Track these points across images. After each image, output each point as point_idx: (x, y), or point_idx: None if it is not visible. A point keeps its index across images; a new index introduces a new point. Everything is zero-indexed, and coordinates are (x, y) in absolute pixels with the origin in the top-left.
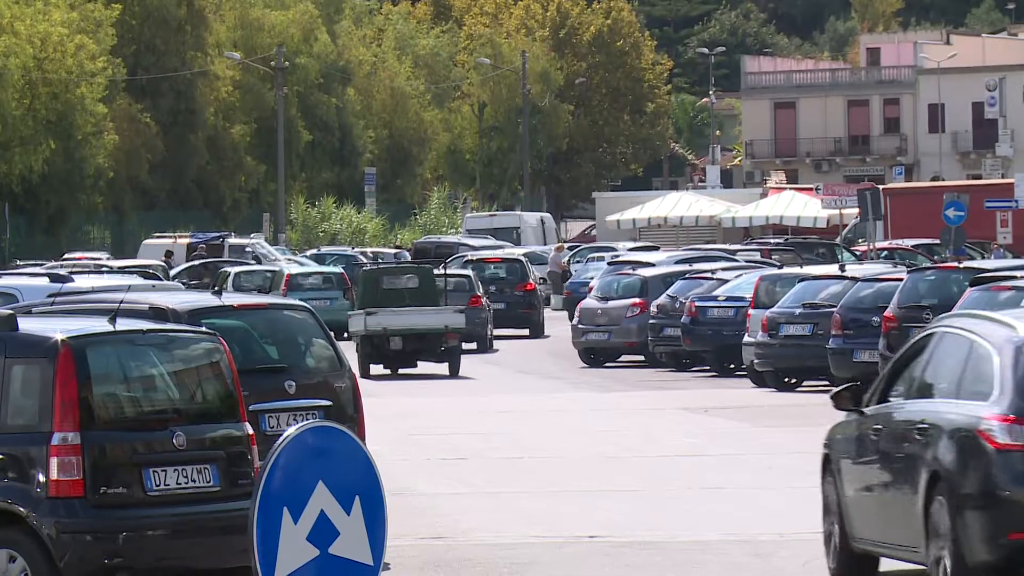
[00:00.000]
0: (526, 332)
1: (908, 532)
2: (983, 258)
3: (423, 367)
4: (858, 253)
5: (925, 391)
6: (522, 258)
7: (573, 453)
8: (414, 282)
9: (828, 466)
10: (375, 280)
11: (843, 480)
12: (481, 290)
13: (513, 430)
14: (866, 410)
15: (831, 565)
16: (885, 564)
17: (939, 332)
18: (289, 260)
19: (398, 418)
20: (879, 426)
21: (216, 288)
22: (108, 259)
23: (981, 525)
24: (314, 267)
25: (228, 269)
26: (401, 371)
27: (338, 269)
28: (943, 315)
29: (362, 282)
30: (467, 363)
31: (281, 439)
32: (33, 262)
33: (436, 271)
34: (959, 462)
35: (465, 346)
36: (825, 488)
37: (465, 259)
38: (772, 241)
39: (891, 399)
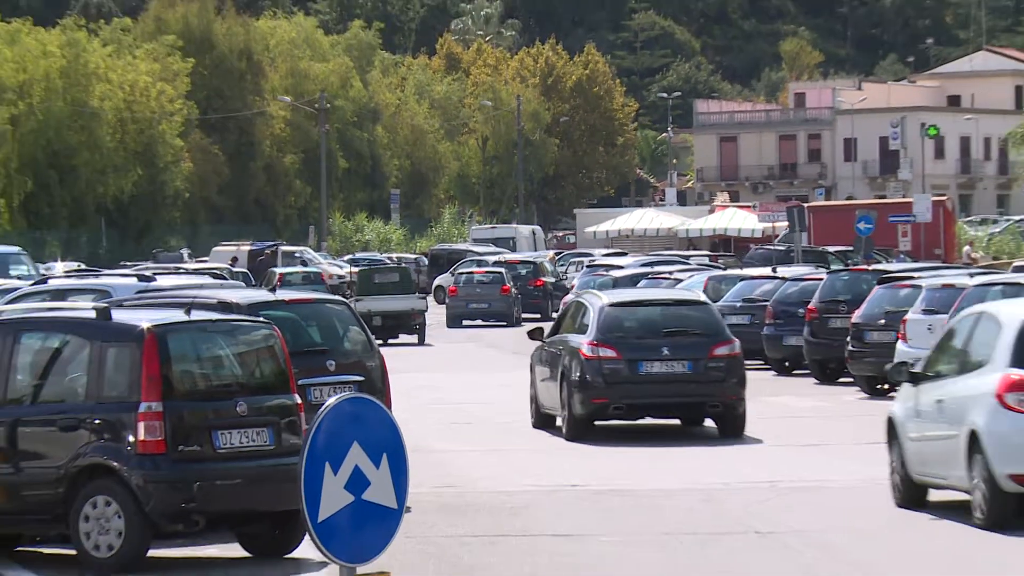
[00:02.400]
0: (538, 316)
1: None
2: (887, 262)
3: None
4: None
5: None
6: (535, 260)
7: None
8: (395, 277)
9: None
10: (369, 276)
11: None
12: (510, 282)
13: (511, 399)
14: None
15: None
16: None
17: None
18: (330, 263)
19: (419, 390)
20: None
21: (272, 286)
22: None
23: None
24: (313, 269)
25: (274, 270)
26: (391, 342)
27: (317, 270)
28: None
29: (360, 278)
30: (489, 335)
31: (323, 407)
32: (132, 263)
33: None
34: None
35: (494, 321)
36: None
37: (495, 260)
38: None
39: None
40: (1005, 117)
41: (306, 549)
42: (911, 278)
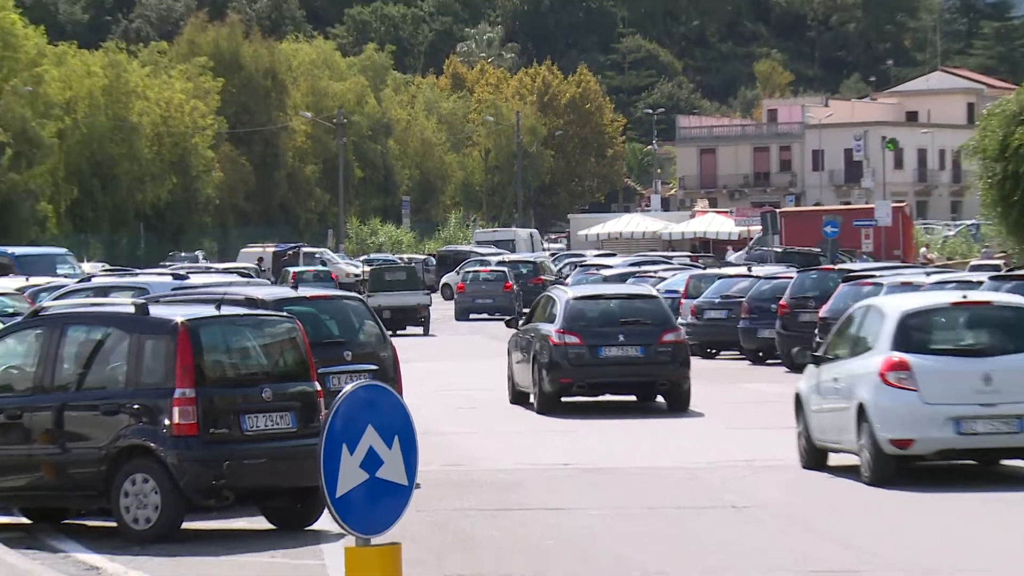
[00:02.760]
0: None
1: None
2: (852, 262)
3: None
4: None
5: None
6: (535, 260)
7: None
8: (403, 276)
9: None
10: (380, 275)
11: None
12: (512, 279)
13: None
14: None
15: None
16: None
17: None
18: (347, 263)
19: (429, 378)
20: None
21: (294, 284)
22: (204, 256)
23: None
24: (323, 268)
25: (287, 268)
26: (399, 333)
27: (327, 269)
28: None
29: (371, 276)
30: (493, 328)
31: (341, 394)
32: (167, 263)
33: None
34: None
35: (498, 315)
36: None
37: (499, 260)
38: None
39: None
40: (958, 131)
41: (325, 522)
42: (873, 276)
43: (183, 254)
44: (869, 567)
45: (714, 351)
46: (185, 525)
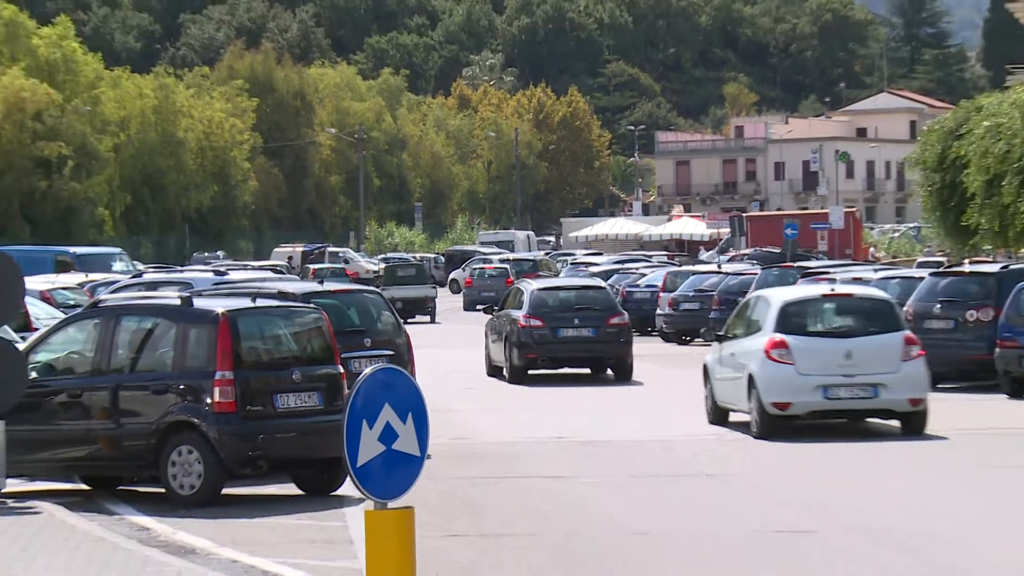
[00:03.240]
0: None
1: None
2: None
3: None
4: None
5: None
6: (535, 258)
7: (550, 385)
8: (412, 272)
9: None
10: (393, 271)
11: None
12: (513, 275)
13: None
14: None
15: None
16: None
17: None
18: (366, 261)
19: (440, 363)
20: None
21: (320, 279)
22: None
23: None
24: (339, 265)
25: (308, 265)
26: (409, 322)
27: (342, 266)
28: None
29: (385, 272)
30: None
31: (361, 376)
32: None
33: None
34: None
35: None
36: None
37: (502, 257)
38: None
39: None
40: (902, 145)
41: (347, 488)
42: (827, 273)
43: (205, 254)
44: (823, 526)
45: (688, 338)
46: (224, 491)
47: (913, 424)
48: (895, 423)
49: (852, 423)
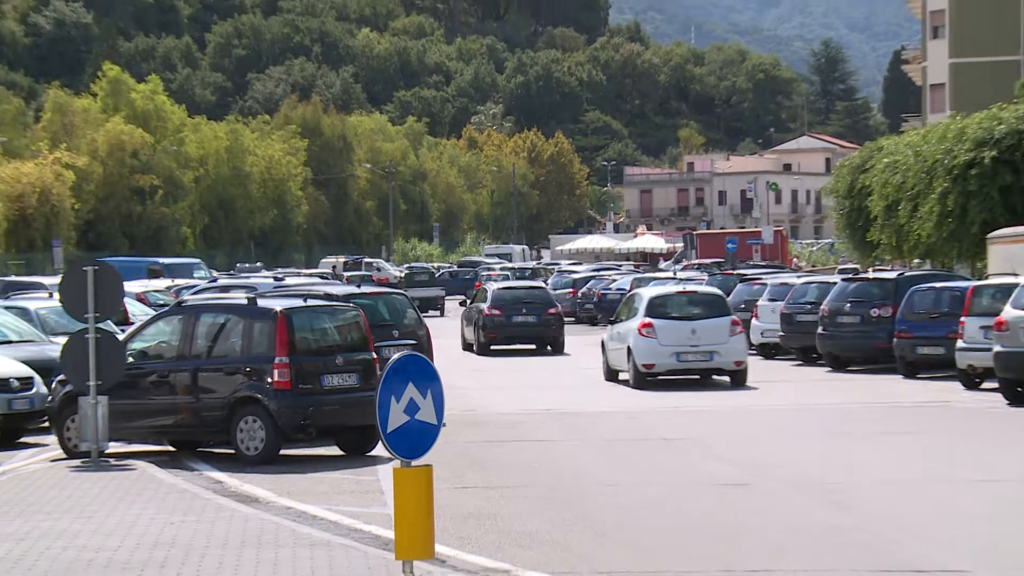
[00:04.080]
0: None
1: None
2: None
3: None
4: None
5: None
6: (534, 267)
7: (538, 369)
8: (426, 277)
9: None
10: (411, 276)
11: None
12: (513, 279)
13: (510, 358)
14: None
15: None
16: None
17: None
18: (395, 269)
19: (452, 350)
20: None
21: (357, 283)
22: (266, 270)
23: None
24: (367, 272)
25: (343, 273)
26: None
27: (370, 273)
28: None
29: (406, 277)
30: None
31: (390, 360)
32: (280, 270)
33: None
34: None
35: None
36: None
37: (503, 266)
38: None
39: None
40: (819, 178)
41: (379, 450)
42: (760, 279)
43: (247, 265)
44: (757, 479)
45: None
46: (281, 452)
47: (738, 379)
48: (730, 380)
49: (699, 380)
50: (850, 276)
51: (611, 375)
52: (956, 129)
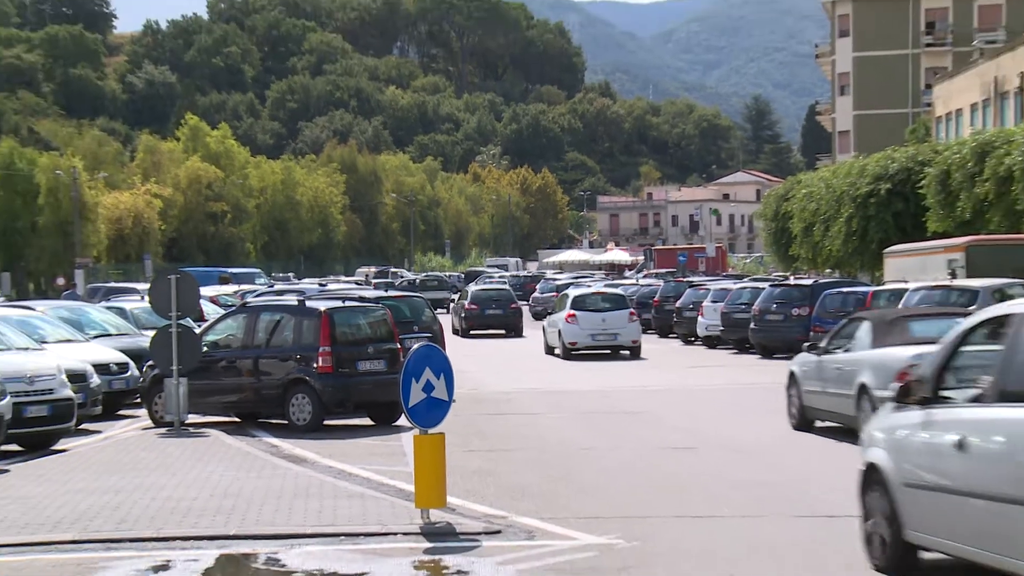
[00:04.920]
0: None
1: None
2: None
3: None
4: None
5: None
6: (529, 275)
7: (504, 348)
8: (436, 282)
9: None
10: (425, 282)
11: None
12: (510, 286)
13: (506, 347)
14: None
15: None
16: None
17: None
18: (415, 276)
19: (461, 342)
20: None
21: (387, 285)
22: (295, 277)
23: None
24: (389, 280)
25: (373, 280)
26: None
27: (392, 280)
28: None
29: (420, 282)
30: None
31: (411, 350)
32: (323, 278)
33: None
34: None
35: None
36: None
37: (501, 275)
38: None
39: (459, 301)
40: (751, 204)
41: (402, 421)
42: (705, 285)
43: (281, 275)
44: (702, 444)
45: None
46: (325, 423)
47: (634, 353)
48: (628, 354)
49: (608, 354)
50: (775, 283)
51: (548, 350)
52: (859, 167)
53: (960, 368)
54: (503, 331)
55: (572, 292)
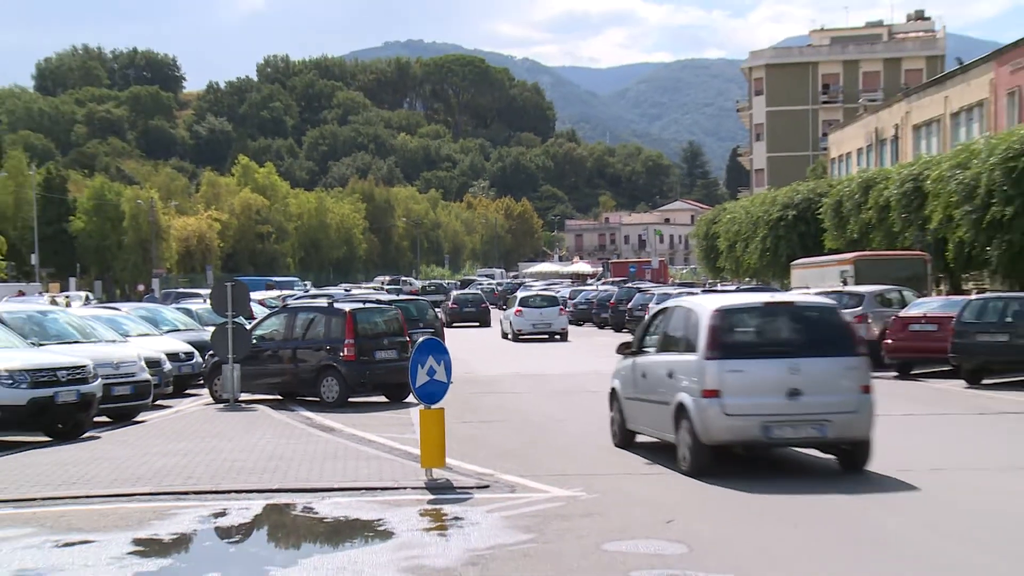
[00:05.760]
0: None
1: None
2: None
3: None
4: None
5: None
6: (513, 282)
7: (474, 337)
8: (435, 288)
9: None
10: (425, 287)
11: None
12: (497, 290)
13: (494, 337)
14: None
15: (500, 336)
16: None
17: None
18: (420, 283)
19: (456, 337)
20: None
21: (398, 291)
22: (313, 285)
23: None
24: (399, 287)
25: (385, 287)
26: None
27: (401, 287)
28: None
29: (422, 288)
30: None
31: (418, 342)
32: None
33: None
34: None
35: (494, 308)
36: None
37: (489, 283)
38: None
39: (445, 302)
40: (687, 227)
41: (410, 398)
42: (650, 290)
43: (303, 282)
44: None
45: (580, 323)
46: (349, 400)
47: (563, 338)
48: (558, 337)
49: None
50: (707, 289)
51: (503, 336)
52: (771, 197)
53: (649, 335)
54: (476, 323)
55: (519, 293)
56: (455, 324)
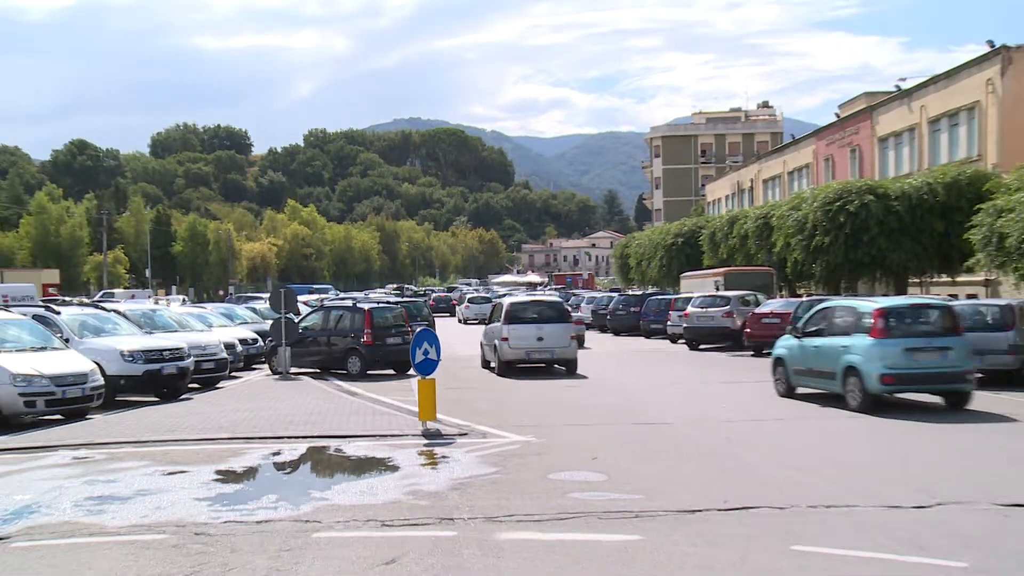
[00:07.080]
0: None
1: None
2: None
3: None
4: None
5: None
6: (493, 293)
7: (447, 325)
8: (427, 293)
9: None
10: (422, 294)
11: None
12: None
13: (447, 322)
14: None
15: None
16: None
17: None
18: (418, 290)
19: (446, 332)
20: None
21: (401, 295)
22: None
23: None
24: (399, 292)
25: (393, 292)
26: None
27: (401, 292)
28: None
29: (414, 293)
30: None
31: (416, 331)
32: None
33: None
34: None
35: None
36: None
37: (465, 288)
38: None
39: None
40: (608, 249)
41: (411, 372)
42: (581, 294)
43: (335, 290)
44: (581, 383)
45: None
46: (369, 373)
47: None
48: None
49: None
50: (621, 293)
51: (461, 322)
52: (666, 229)
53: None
54: (447, 314)
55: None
56: (433, 314)
